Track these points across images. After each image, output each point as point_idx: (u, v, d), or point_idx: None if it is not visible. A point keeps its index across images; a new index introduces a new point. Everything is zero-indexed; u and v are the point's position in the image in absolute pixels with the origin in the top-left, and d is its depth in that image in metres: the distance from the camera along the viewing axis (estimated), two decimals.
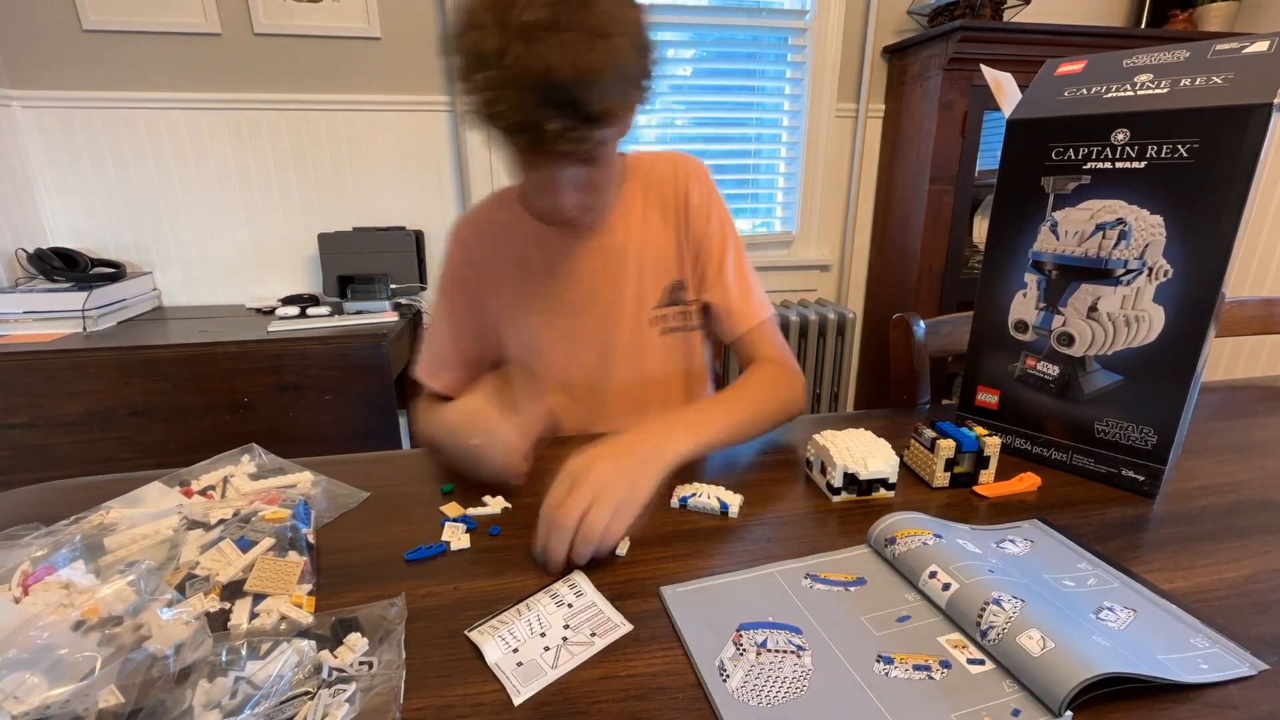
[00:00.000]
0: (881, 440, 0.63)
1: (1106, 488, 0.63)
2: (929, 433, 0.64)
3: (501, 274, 0.80)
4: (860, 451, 0.61)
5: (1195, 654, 0.41)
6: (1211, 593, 0.47)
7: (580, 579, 0.49)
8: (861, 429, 0.66)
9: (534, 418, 0.66)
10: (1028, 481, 0.63)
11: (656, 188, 0.80)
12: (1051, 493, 0.63)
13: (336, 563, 0.51)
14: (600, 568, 0.51)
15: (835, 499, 0.60)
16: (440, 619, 0.45)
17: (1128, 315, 0.60)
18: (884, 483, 0.61)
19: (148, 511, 0.54)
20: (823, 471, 0.63)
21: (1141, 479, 0.62)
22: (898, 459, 0.61)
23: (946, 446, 0.62)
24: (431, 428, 0.69)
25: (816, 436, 0.64)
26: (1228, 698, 0.38)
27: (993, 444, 0.62)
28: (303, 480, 0.61)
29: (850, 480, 0.60)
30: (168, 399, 1.37)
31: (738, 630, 0.44)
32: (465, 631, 0.43)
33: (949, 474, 0.63)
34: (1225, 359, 2.09)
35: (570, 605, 0.46)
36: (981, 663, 0.41)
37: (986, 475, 0.64)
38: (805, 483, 0.65)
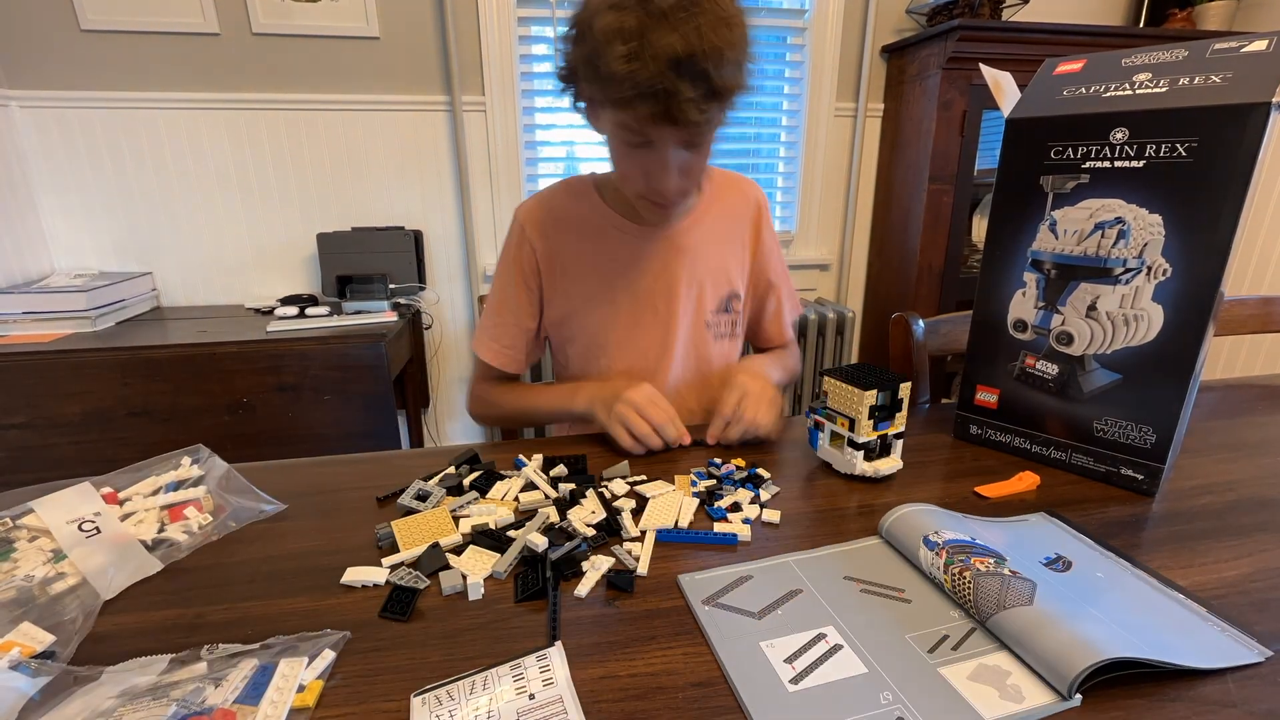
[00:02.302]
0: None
1: (1105, 486, 0.64)
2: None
3: (574, 261, 0.83)
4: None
5: (1199, 637, 0.41)
6: (1210, 591, 0.47)
7: (557, 661, 0.41)
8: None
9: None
10: (1027, 481, 0.64)
11: (728, 203, 0.87)
12: (1051, 492, 0.63)
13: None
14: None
15: (866, 392, 0.60)
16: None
17: (1126, 314, 0.60)
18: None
19: None
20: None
21: (1140, 478, 0.62)
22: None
23: (870, 396, 0.60)
24: (537, 398, 0.85)
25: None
26: (1226, 694, 0.38)
27: (903, 388, 0.62)
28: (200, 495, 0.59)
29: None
30: (167, 399, 1.37)
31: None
32: (412, 695, 0.39)
33: (873, 422, 0.61)
34: (1224, 358, 2.09)
35: (532, 696, 0.38)
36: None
37: (901, 419, 0.63)
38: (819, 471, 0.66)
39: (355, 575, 0.49)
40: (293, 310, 1.58)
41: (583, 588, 0.48)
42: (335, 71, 1.69)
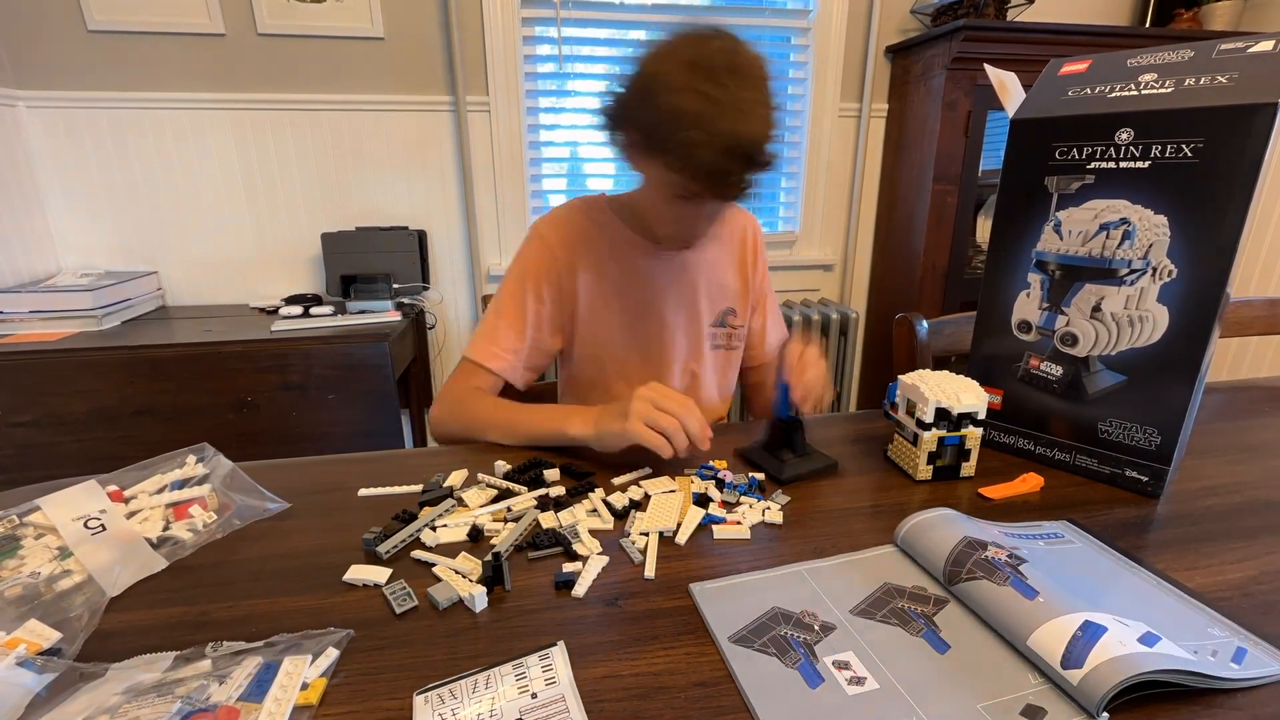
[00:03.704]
0: (969, 379, 0.65)
1: (1110, 488, 0.63)
2: (910, 427, 0.64)
3: (596, 276, 0.87)
4: (951, 388, 0.62)
5: (1214, 643, 0.41)
6: (1216, 594, 0.47)
7: (560, 660, 0.41)
8: (945, 371, 0.67)
9: None
10: (1031, 482, 0.63)
11: (728, 226, 0.94)
12: (1054, 493, 0.62)
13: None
14: (614, 562, 0.51)
15: (926, 434, 0.62)
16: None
17: (1131, 315, 0.60)
18: (973, 418, 0.62)
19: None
20: (910, 411, 0.64)
21: (1145, 479, 0.61)
22: (988, 397, 0.63)
23: (929, 440, 0.62)
24: (532, 415, 0.76)
25: (904, 378, 0.65)
26: (1232, 699, 0.38)
27: (973, 436, 0.63)
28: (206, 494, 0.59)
29: (941, 415, 0.61)
30: (172, 398, 1.37)
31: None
32: (415, 693, 0.39)
33: (931, 466, 0.63)
34: (1230, 359, 2.08)
35: (535, 695, 0.38)
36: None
37: (968, 468, 0.64)
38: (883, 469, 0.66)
39: (357, 574, 0.49)
40: (297, 310, 1.59)
41: (580, 588, 0.48)
42: (340, 72, 1.70)
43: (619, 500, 0.60)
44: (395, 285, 1.69)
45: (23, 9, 1.53)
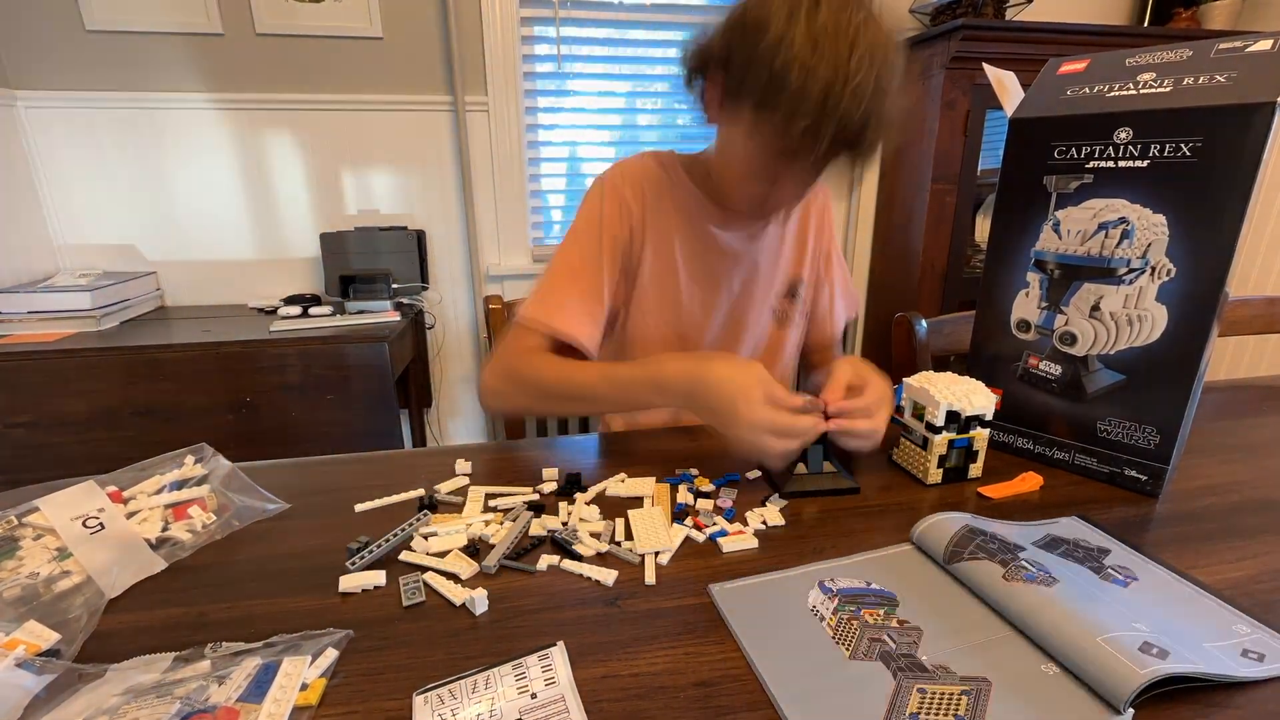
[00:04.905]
0: (975, 380, 0.65)
1: (1109, 487, 0.63)
2: (919, 431, 0.64)
3: (661, 234, 0.81)
4: (960, 390, 0.62)
5: (1238, 640, 0.41)
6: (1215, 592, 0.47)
7: (559, 660, 0.41)
8: (949, 372, 0.67)
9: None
10: (1030, 481, 0.63)
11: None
12: (1054, 492, 0.63)
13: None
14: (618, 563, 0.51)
15: (936, 438, 0.61)
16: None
17: (1130, 314, 0.60)
18: (981, 419, 0.62)
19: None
20: (917, 415, 0.64)
21: (1144, 478, 0.62)
22: (995, 398, 0.63)
23: (940, 443, 0.62)
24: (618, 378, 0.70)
25: (910, 380, 0.65)
26: (1229, 697, 0.38)
27: (981, 438, 0.63)
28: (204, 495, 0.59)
29: (950, 418, 0.61)
30: (171, 399, 1.37)
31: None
32: (414, 694, 0.39)
33: (941, 470, 0.63)
34: (1228, 358, 2.08)
35: (534, 696, 0.38)
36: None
37: (975, 469, 0.64)
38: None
39: (351, 582, 0.48)
40: (296, 310, 1.59)
41: (543, 563, 0.50)
42: (338, 72, 1.70)
43: (604, 505, 0.60)
44: (394, 285, 1.69)
45: (20, 9, 1.53)
